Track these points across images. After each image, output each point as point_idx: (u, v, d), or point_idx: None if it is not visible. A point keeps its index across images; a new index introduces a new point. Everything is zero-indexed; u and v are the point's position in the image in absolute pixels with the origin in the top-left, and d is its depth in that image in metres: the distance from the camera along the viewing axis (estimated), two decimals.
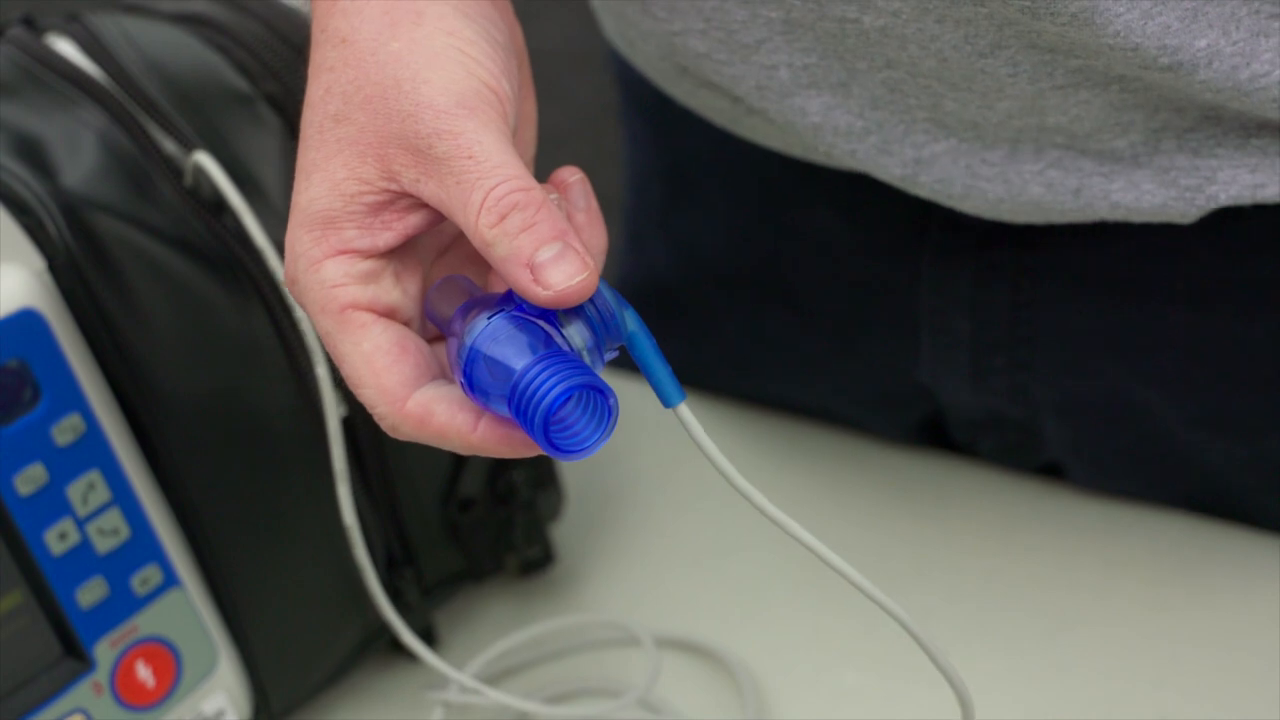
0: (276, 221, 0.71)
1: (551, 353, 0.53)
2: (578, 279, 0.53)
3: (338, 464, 0.72)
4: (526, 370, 0.52)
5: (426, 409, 0.56)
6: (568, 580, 0.85)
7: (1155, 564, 0.84)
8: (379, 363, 0.56)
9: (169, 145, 0.72)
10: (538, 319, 0.54)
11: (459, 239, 0.62)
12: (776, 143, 0.77)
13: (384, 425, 0.57)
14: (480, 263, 0.61)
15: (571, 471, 0.85)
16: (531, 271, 0.53)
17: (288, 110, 0.73)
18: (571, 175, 0.60)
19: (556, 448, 0.53)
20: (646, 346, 0.55)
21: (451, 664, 0.76)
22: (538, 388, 0.52)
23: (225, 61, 0.74)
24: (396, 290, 0.58)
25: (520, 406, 0.52)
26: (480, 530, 0.80)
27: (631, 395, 0.66)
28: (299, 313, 0.71)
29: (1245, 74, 0.65)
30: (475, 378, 0.54)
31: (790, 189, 0.82)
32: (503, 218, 0.53)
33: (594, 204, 0.59)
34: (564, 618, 0.81)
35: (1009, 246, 0.78)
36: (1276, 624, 0.78)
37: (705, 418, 0.56)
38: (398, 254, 0.58)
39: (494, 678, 0.79)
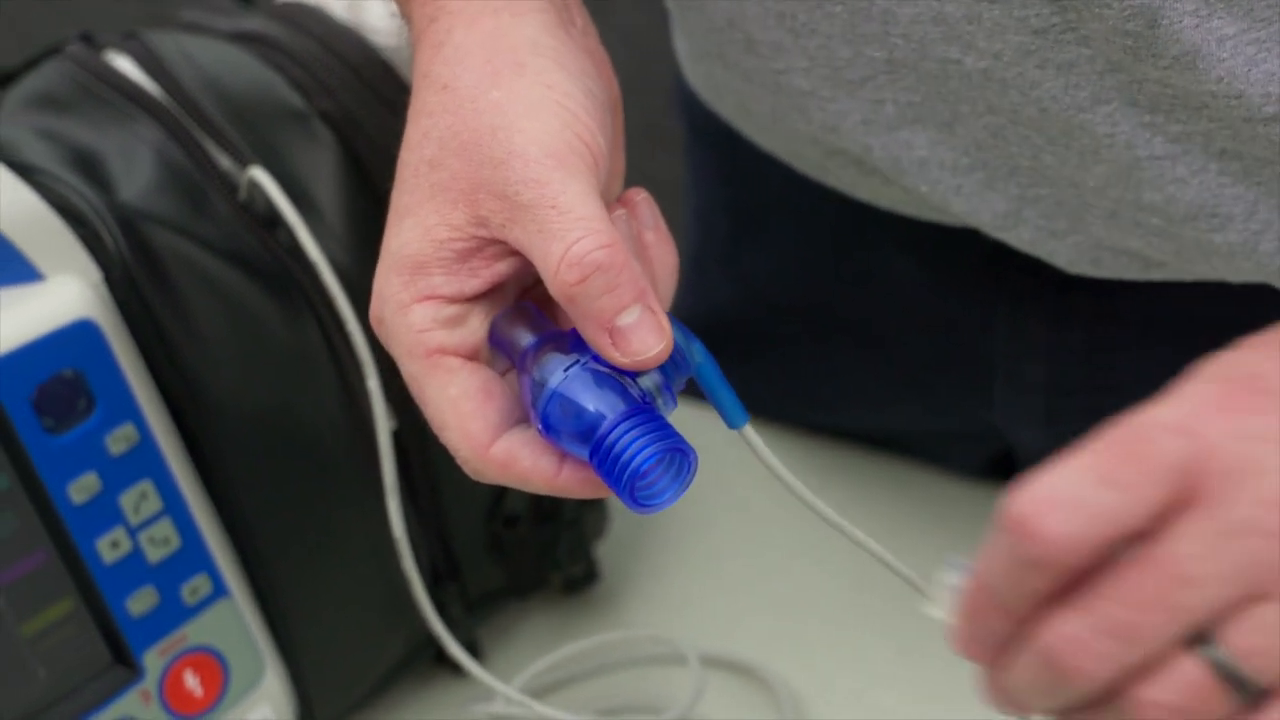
0: (329, 237, 0.72)
1: (633, 410, 0.54)
2: (655, 350, 0.54)
3: (388, 477, 0.72)
4: (611, 429, 0.54)
5: (510, 455, 0.56)
6: (610, 598, 0.86)
7: None
8: (465, 408, 0.57)
9: (224, 161, 0.73)
10: (612, 368, 0.55)
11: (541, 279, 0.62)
12: (866, 193, 0.77)
13: (467, 469, 0.57)
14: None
15: None
16: (611, 336, 0.54)
17: (342, 127, 0.74)
18: (639, 195, 0.60)
19: (638, 503, 0.54)
20: (712, 374, 0.56)
21: (495, 679, 0.77)
22: (624, 448, 0.53)
23: (281, 78, 0.75)
24: (482, 331, 0.58)
25: (605, 464, 0.54)
26: (524, 547, 0.81)
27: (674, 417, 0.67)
28: (350, 326, 0.71)
29: None
30: (553, 425, 0.55)
31: (862, 230, 0.82)
32: (585, 278, 0.53)
33: (662, 223, 0.60)
34: (609, 633, 0.81)
35: (1087, 292, 0.77)
36: None
37: (771, 444, 0.56)
38: (485, 295, 0.58)
39: (537, 693, 0.80)
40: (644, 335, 0.54)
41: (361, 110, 0.74)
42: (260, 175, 0.71)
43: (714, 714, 0.78)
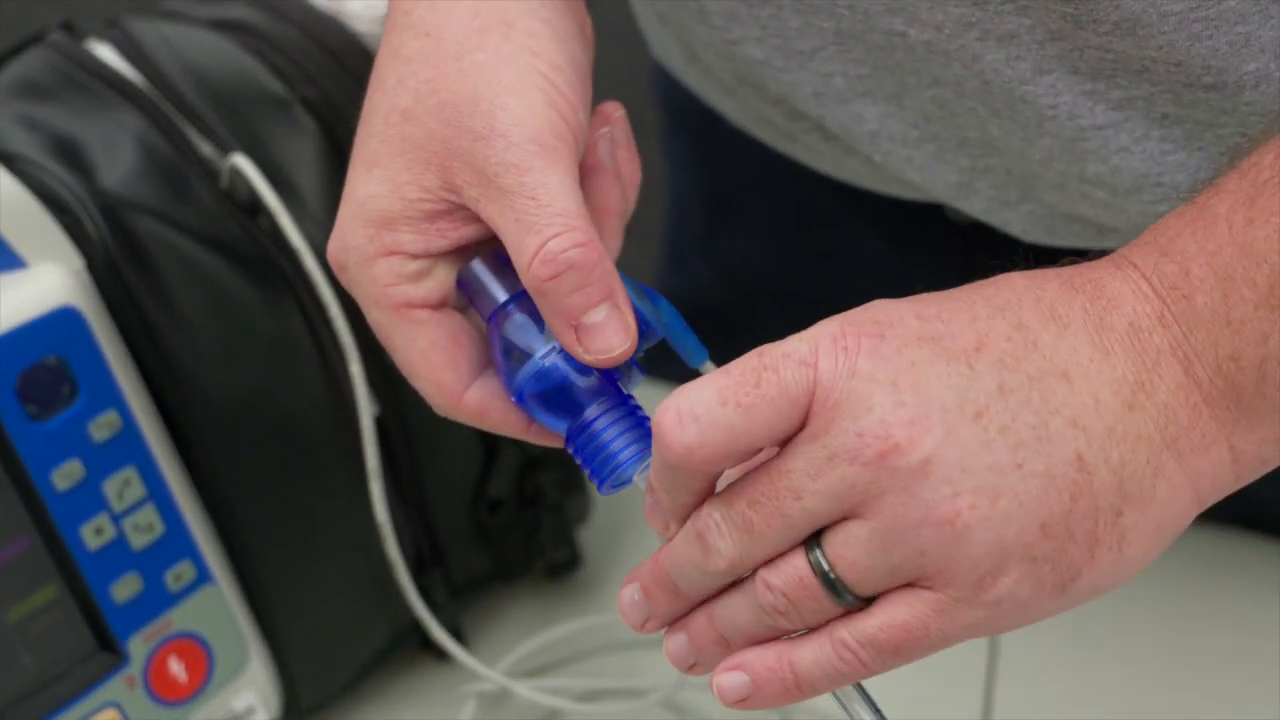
0: (311, 223, 0.73)
1: (612, 402, 0.56)
2: (619, 350, 0.55)
3: (370, 462, 0.73)
4: (593, 422, 0.56)
5: (483, 406, 0.58)
6: (594, 583, 0.86)
7: (1184, 575, 0.84)
8: (435, 359, 0.58)
9: (206, 148, 0.73)
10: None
11: None
12: (828, 164, 0.78)
13: (439, 411, 0.59)
14: None
15: None
16: (576, 332, 0.55)
17: (324, 114, 0.74)
18: (616, 111, 0.60)
19: (610, 488, 0.57)
20: (677, 323, 0.58)
21: (480, 663, 0.77)
22: (606, 444, 0.55)
23: (262, 66, 0.75)
24: (449, 280, 0.59)
25: (583, 451, 0.56)
26: (508, 531, 0.81)
27: (656, 398, 0.67)
28: (333, 312, 0.72)
29: None
30: (527, 400, 0.57)
31: (834, 212, 0.83)
32: (557, 275, 0.54)
33: (632, 140, 0.61)
34: (593, 617, 0.81)
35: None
36: None
37: None
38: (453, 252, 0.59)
39: (522, 677, 0.80)
40: (609, 334, 0.55)
41: (343, 97, 0.75)
42: (242, 162, 0.72)
43: (697, 697, 0.79)
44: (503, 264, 0.58)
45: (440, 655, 0.79)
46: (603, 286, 0.55)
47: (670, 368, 0.62)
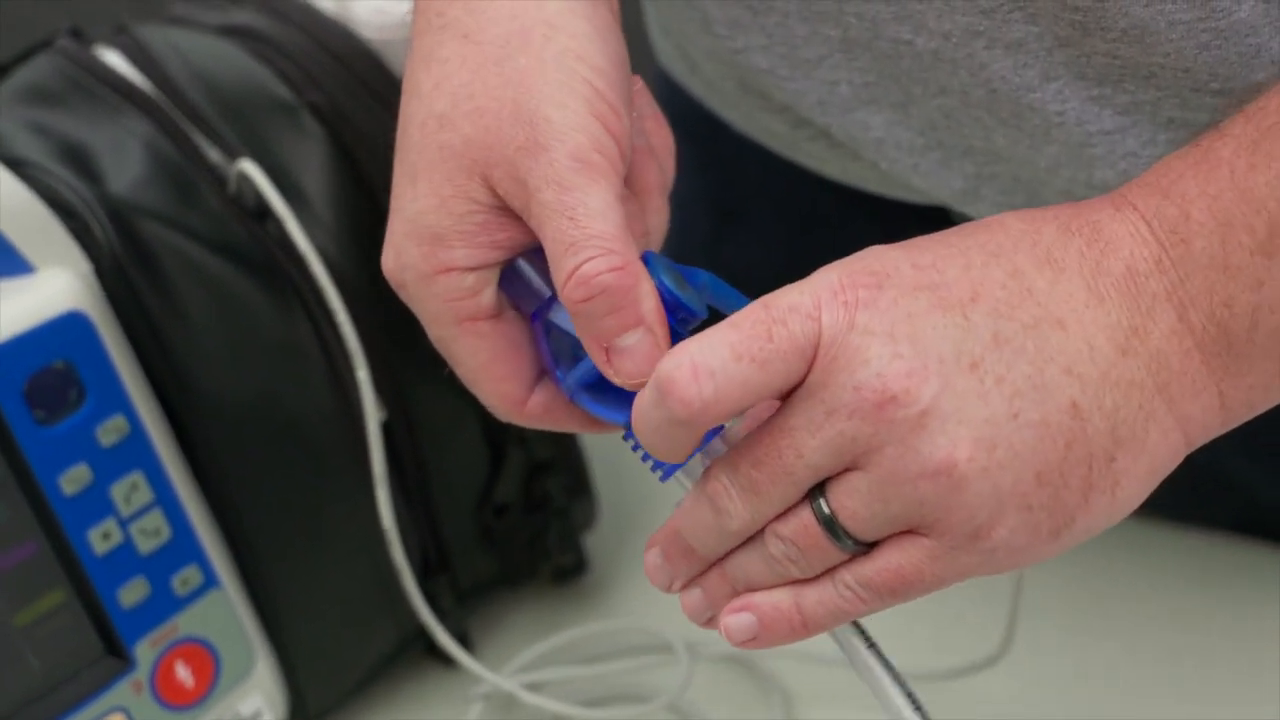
0: (319, 228, 0.73)
1: None
2: (644, 376, 0.54)
3: (377, 467, 0.73)
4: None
5: (546, 408, 0.59)
6: (600, 589, 0.86)
7: (1187, 582, 0.84)
8: (498, 370, 0.58)
9: (213, 154, 0.73)
10: None
11: None
12: (833, 169, 0.78)
13: (502, 419, 0.60)
14: None
15: (605, 481, 0.86)
16: (607, 353, 0.55)
17: (331, 120, 0.75)
18: (637, 83, 0.60)
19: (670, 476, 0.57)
20: (723, 290, 0.59)
21: (485, 669, 0.77)
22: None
23: (269, 71, 0.75)
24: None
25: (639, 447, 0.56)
26: (514, 536, 0.81)
27: None
28: (340, 317, 0.72)
29: None
30: (579, 398, 0.58)
31: (839, 216, 0.83)
32: (590, 298, 0.54)
33: (657, 108, 0.61)
34: (600, 623, 0.82)
35: None
36: None
37: None
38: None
39: (527, 682, 0.80)
40: (639, 360, 0.54)
41: (350, 103, 0.75)
42: (250, 168, 0.72)
43: (701, 703, 0.79)
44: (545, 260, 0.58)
45: (446, 660, 0.79)
46: (636, 311, 0.54)
47: None
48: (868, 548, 0.53)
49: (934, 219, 0.76)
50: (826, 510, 0.52)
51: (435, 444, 0.77)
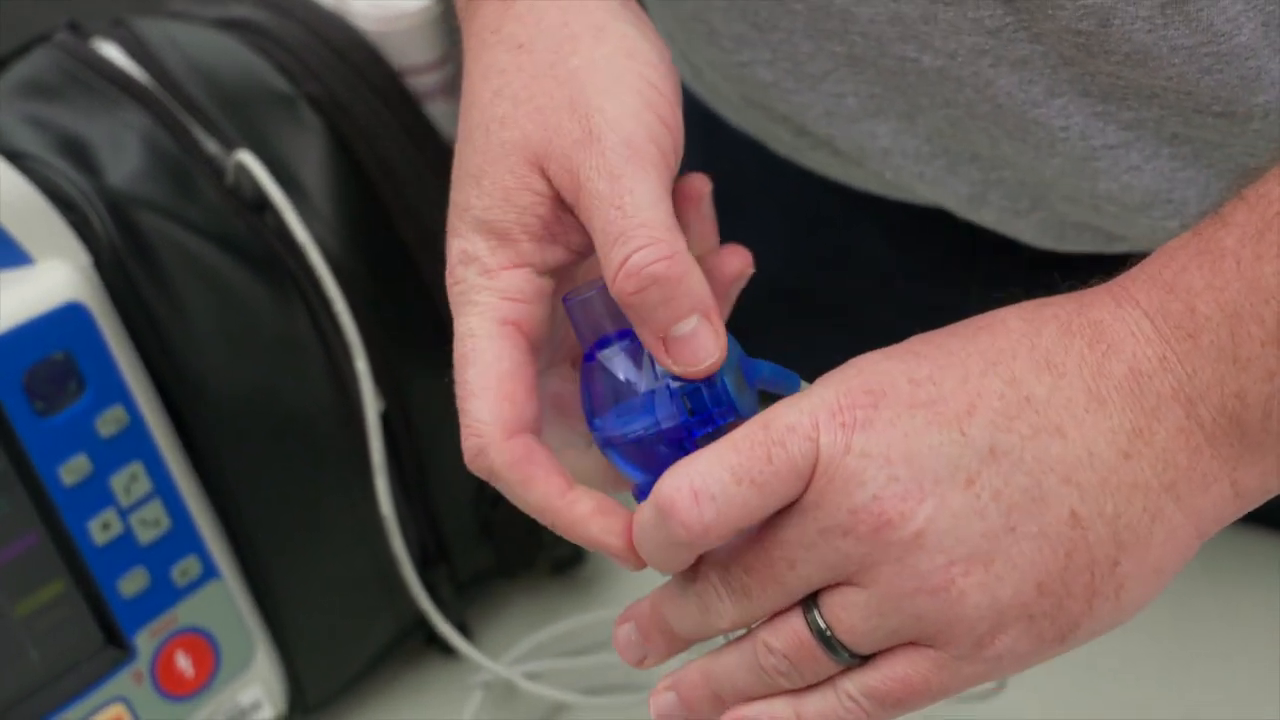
0: (317, 220, 0.73)
1: None
2: (709, 360, 0.53)
3: (375, 456, 0.73)
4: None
5: (529, 451, 0.55)
6: (596, 579, 0.86)
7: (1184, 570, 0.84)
8: (510, 387, 0.55)
9: (211, 145, 0.73)
10: (679, 425, 0.54)
11: None
12: (837, 173, 0.78)
13: (474, 443, 0.55)
14: None
15: None
16: (666, 344, 0.53)
17: (329, 111, 0.75)
18: (705, 186, 0.60)
19: None
20: (775, 376, 0.57)
21: (485, 657, 0.77)
22: None
23: (267, 64, 0.75)
24: (549, 325, 0.57)
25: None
26: (512, 528, 0.81)
27: None
28: (338, 308, 0.72)
29: None
30: (614, 445, 0.55)
31: (840, 212, 0.83)
32: (642, 289, 0.53)
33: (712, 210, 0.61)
34: (596, 612, 0.82)
35: (1057, 272, 0.78)
36: None
37: None
38: (561, 274, 0.58)
39: (526, 672, 0.80)
40: (698, 347, 0.53)
41: (348, 94, 0.75)
42: (248, 159, 0.72)
43: None
44: (610, 302, 0.56)
45: (445, 650, 0.80)
46: (691, 298, 0.53)
47: None
48: (863, 659, 0.52)
49: (934, 218, 0.77)
50: (822, 624, 0.52)
51: (433, 435, 0.77)
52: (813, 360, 0.91)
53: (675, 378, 0.54)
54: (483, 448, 0.55)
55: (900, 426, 0.51)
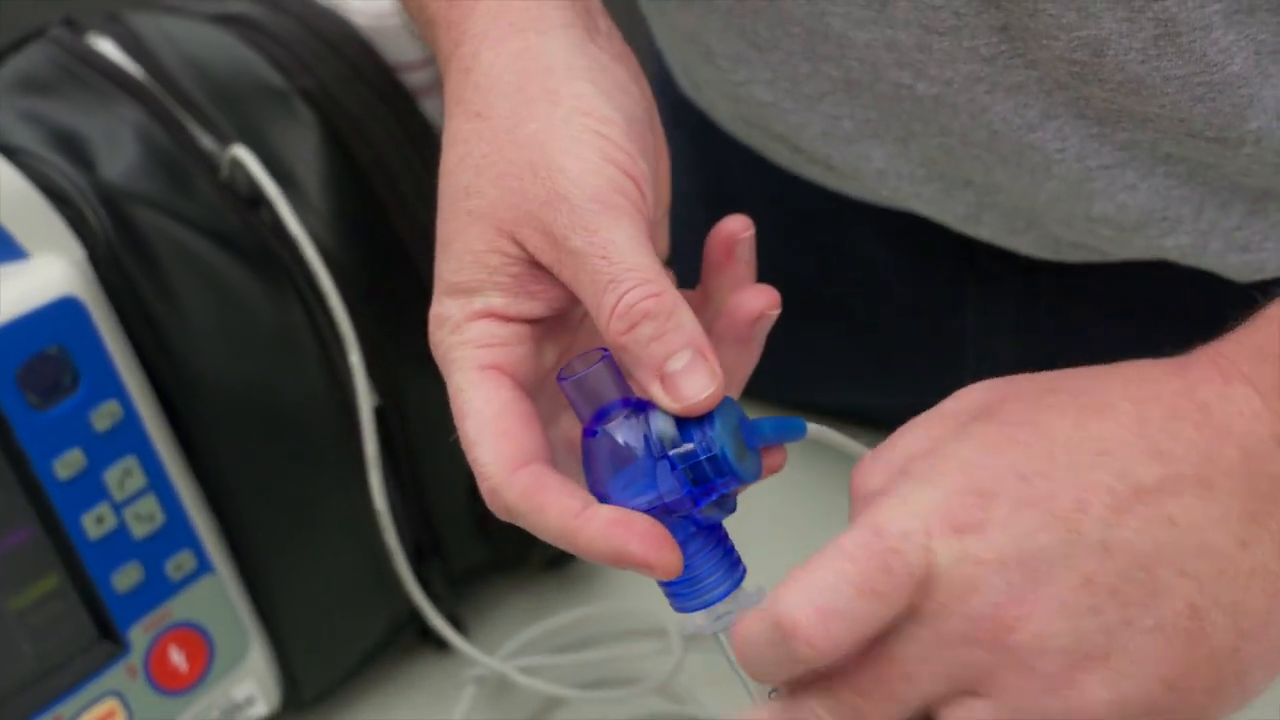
0: (311, 214, 0.73)
1: (705, 528, 0.55)
2: (706, 393, 0.53)
3: (369, 450, 0.73)
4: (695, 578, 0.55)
5: (538, 480, 0.54)
6: (590, 575, 0.86)
7: None
8: (505, 424, 0.55)
9: (206, 140, 0.73)
10: (683, 497, 0.54)
11: None
12: (835, 185, 0.78)
13: (486, 485, 0.55)
14: None
15: None
16: (662, 382, 0.53)
17: (323, 105, 0.75)
18: (745, 230, 0.60)
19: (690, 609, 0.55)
20: (775, 432, 0.57)
21: (480, 652, 0.77)
22: (699, 576, 0.55)
23: (262, 58, 0.75)
24: (535, 363, 0.57)
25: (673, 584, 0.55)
26: (506, 523, 0.81)
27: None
28: (333, 302, 0.72)
29: None
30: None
31: (836, 216, 0.83)
32: (633, 326, 0.53)
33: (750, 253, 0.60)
34: (590, 606, 0.82)
35: (1053, 274, 0.78)
36: None
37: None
38: (544, 323, 0.58)
39: (520, 666, 0.80)
40: (693, 380, 0.53)
41: (342, 88, 0.75)
42: (242, 154, 0.72)
43: (693, 686, 0.79)
44: (613, 371, 0.55)
45: (439, 645, 0.80)
46: (682, 333, 0.53)
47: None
48: None
49: (931, 227, 0.77)
50: None
51: (428, 430, 0.77)
52: (811, 359, 0.92)
53: (675, 446, 0.53)
54: (493, 488, 0.55)
55: (1012, 529, 0.50)
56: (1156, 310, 0.78)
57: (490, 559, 0.82)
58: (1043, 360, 0.81)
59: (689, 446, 0.53)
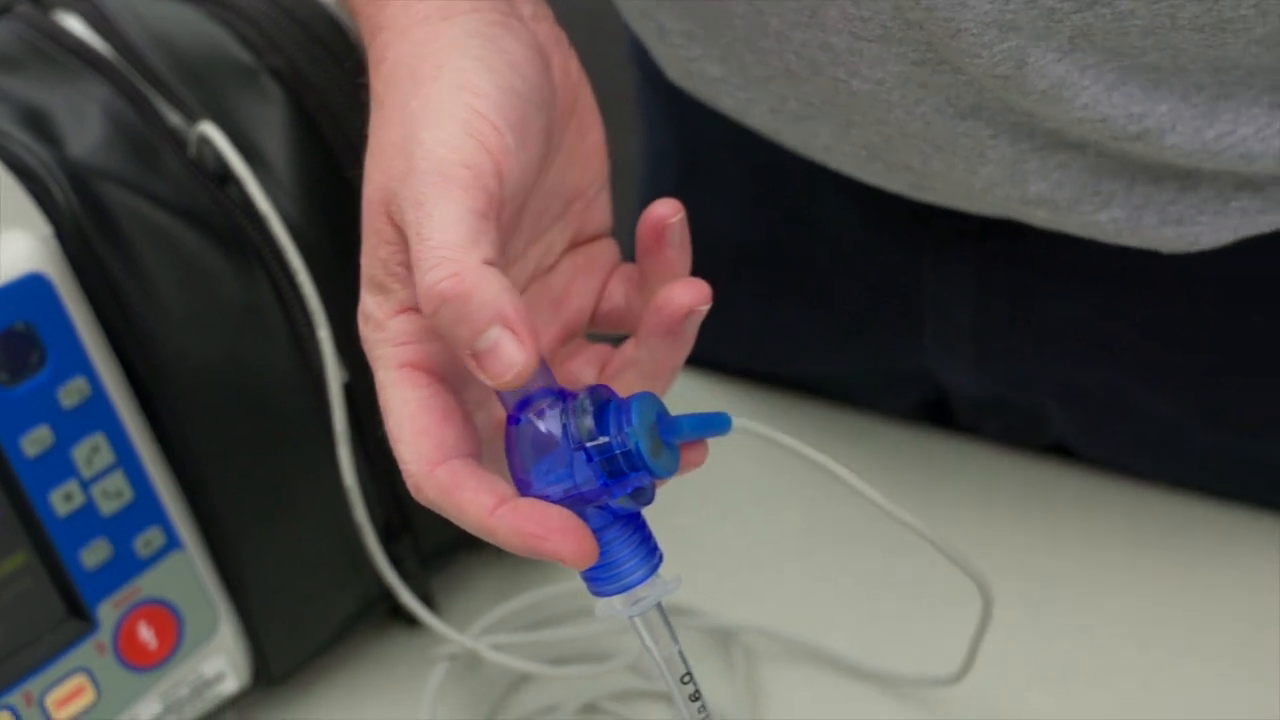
0: (279, 191, 0.73)
1: (623, 516, 0.55)
2: (514, 370, 0.52)
3: (339, 426, 0.73)
4: (602, 534, 0.55)
5: (454, 480, 0.54)
6: None
7: (1155, 540, 0.85)
8: (420, 423, 0.55)
9: (174, 117, 0.73)
10: (599, 488, 0.54)
11: (534, 278, 0.62)
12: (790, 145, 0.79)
13: (410, 482, 0.55)
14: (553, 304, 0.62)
15: None
16: (475, 361, 0.53)
17: (291, 82, 0.75)
18: (673, 213, 0.58)
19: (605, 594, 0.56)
20: (697, 427, 0.56)
21: (450, 629, 0.77)
22: (613, 561, 0.55)
23: (230, 35, 0.75)
24: (453, 358, 0.57)
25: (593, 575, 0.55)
26: None
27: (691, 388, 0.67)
28: (301, 279, 0.72)
29: (1210, 134, 0.67)
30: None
31: (801, 176, 0.84)
32: (435, 310, 0.52)
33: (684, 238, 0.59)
34: (560, 584, 0.82)
35: (1009, 238, 0.79)
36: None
37: (716, 398, 0.57)
38: None
39: (492, 643, 0.80)
40: (501, 357, 0.52)
41: (310, 65, 0.75)
42: (210, 130, 0.72)
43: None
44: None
45: (410, 622, 0.80)
46: (485, 311, 0.52)
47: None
48: None
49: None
50: None
51: None
52: (774, 326, 0.92)
53: (592, 438, 0.53)
54: (416, 485, 0.55)
55: None
56: (1113, 273, 0.78)
57: (460, 536, 0.82)
58: (999, 328, 0.82)
59: (604, 440, 0.53)
